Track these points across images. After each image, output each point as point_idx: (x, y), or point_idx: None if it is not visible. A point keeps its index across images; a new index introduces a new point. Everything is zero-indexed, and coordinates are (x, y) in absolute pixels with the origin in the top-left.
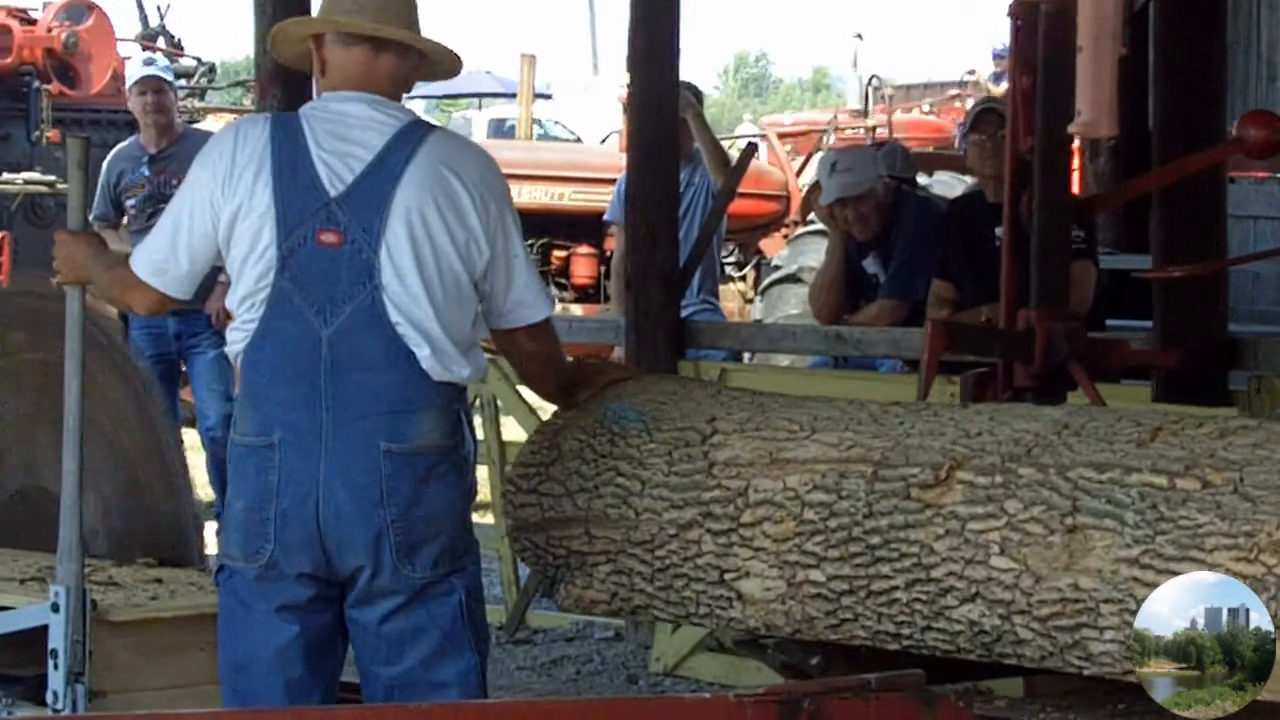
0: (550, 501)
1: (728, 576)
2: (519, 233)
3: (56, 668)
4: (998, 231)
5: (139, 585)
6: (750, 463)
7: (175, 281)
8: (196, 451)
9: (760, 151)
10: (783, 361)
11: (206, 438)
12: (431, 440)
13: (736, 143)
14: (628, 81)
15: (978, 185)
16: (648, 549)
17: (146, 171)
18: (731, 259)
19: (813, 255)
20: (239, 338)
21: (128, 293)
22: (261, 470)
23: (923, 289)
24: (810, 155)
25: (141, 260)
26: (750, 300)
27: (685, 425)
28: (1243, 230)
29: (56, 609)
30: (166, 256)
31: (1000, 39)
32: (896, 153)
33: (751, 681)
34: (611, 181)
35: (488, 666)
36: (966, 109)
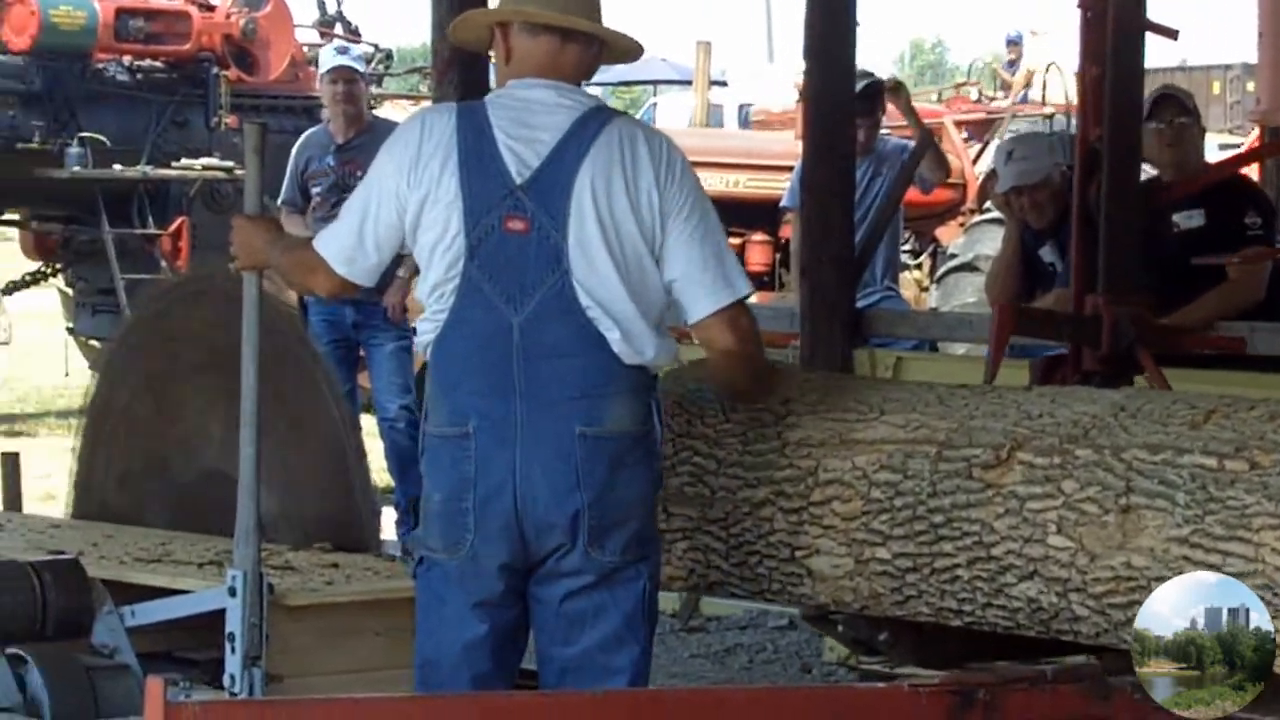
0: None
1: (799, 554)
2: (704, 216)
3: (234, 651)
4: (1175, 218)
5: (315, 570)
6: (821, 443)
7: (363, 271)
8: (374, 437)
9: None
10: (958, 350)
11: (386, 427)
12: (623, 425)
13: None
14: (804, 69)
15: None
16: (722, 526)
17: (332, 161)
18: (908, 247)
19: (989, 243)
20: (429, 328)
21: (310, 276)
22: (457, 461)
23: None
24: (987, 142)
25: (331, 248)
26: (926, 289)
27: (760, 406)
28: None
29: (234, 593)
30: (355, 245)
31: (1013, 26)
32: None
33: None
34: (788, 169)
35: (661, 654)
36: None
